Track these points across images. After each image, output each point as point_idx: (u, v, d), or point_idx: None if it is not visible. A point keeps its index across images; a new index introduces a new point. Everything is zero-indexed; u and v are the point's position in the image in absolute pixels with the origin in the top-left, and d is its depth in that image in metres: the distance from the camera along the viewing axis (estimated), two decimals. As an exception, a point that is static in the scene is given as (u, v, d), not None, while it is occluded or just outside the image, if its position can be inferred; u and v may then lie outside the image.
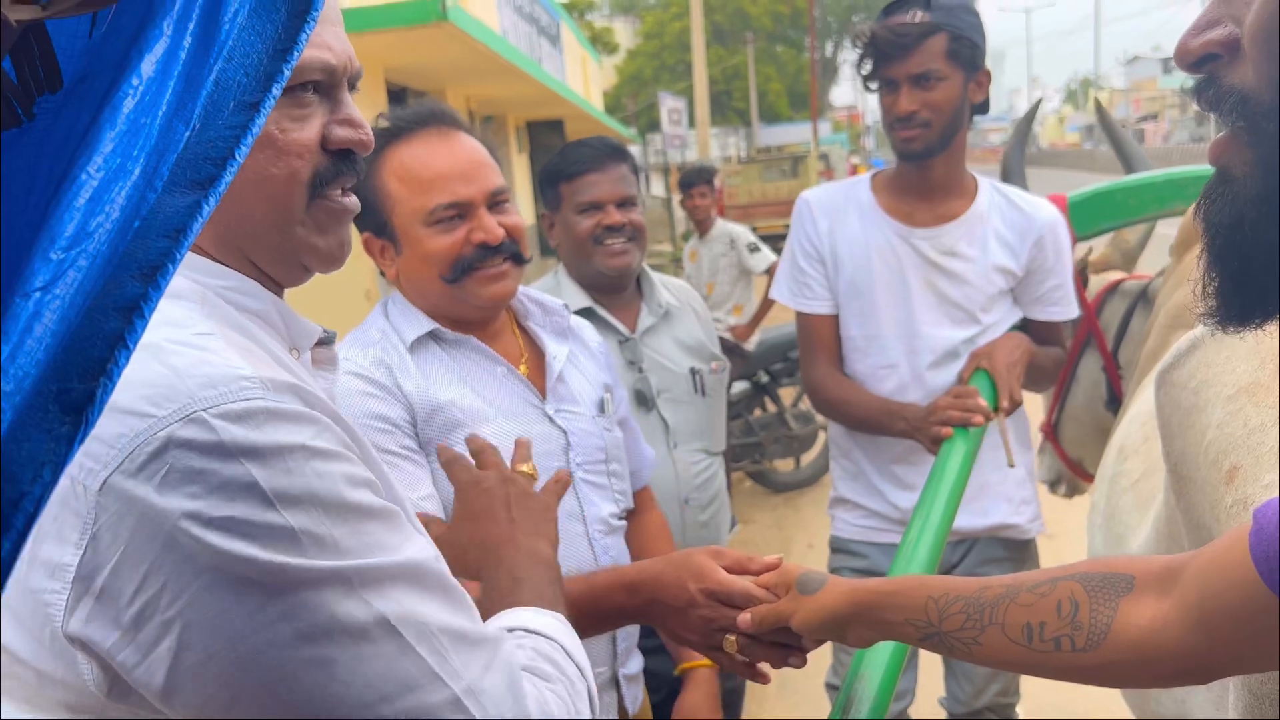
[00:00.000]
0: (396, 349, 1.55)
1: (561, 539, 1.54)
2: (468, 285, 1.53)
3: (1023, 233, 2.18)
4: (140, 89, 0.41)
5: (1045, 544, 4.76)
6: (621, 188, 2.06)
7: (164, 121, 0.41)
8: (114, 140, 0.41)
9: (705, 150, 22.80)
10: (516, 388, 1.58)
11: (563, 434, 1.58)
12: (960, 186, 2.20)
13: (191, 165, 0.41)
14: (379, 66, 8.19)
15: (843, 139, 45.84)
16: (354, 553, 0.75)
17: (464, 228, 1.51)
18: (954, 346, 2.16)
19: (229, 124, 0.43)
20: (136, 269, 0.40)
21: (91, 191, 0.40)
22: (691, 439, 2.14)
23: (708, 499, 2.14)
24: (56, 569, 0.69)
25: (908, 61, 2.04)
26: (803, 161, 21.13)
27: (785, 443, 6.17)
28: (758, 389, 6.14)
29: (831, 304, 2.25)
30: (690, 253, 6.34)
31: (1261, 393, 1.32)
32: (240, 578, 0.69)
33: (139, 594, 0.69)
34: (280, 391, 0.75)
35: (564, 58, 16.83)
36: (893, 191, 2.23)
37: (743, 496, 6.18)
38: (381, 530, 0.78)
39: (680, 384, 2.13)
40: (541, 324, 1.68)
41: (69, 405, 0.39)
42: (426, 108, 1.58)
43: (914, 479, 2.22)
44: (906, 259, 2.17)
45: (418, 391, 1.50)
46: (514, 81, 10.76)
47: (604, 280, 2.09)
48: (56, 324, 0.39)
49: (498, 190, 1.55)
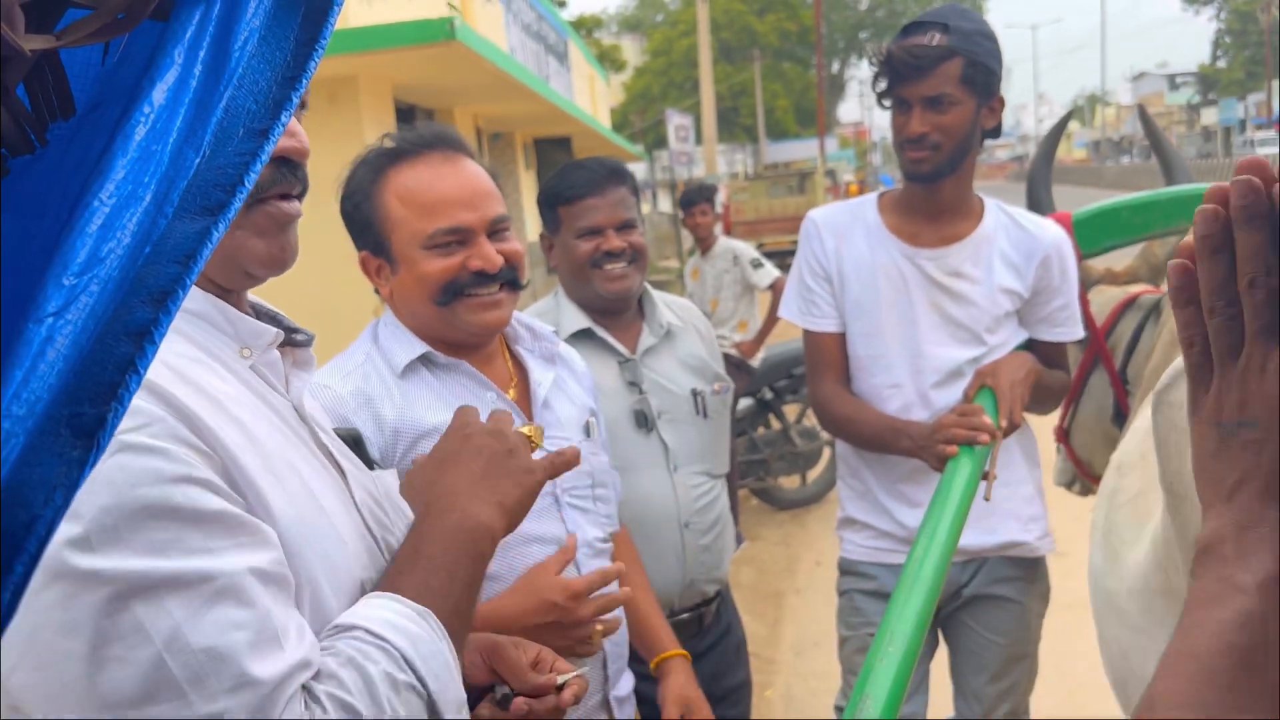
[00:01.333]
0: (381, 376, 1.56)
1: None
2: (459, 310, 1.54)
3: (1029, 254, 2.18)
4: (152, 116, 0.42)
5: (1056, 562, 4.73)
6: (620, 211, 2.03)
7: (175, 148, 0.42)
8: (126, 167, 0.41)
9: (712, 167, 22.86)
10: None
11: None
12: (967, 208, 2.21)
13: (201, 191, 0.42)
14: (387, 85, 8.23)
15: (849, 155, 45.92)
16: (139, 551, 0.75)
17: (462, 254, 1.53)
18: (958, 366, 2.16)
19: (238, 151, 0.43)
20: (147, 294, 0.41)
21: (104, 218, 0.41)
22: (692, 461, 2.10)
23: (709, 523, 2.10)
24: None
25: (922, 84, 2.04)
26: (809, 178, 21.18)
27: (790, 459, 6.16)
28: (762, 406, 6.14)
29: (838, 322, 2.25)
30: (693, 270, 6.35)
31: None
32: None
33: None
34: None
35: (571, 75, 16.91)
36: (899, 212, 2.24)
37: (748, 514, 6.16)
38: (184, 532, 0.78)
39: (681, 405, 2.10)
40: (530, 349, 1.71)
41: (80, 430, 0.39)
42: (433, 131, 1.60)
43: (922, 497, 2.21)
44: (912, 279, 2.17)
45: (400, 419, 1.51)
46: (522, 99, 10.81)
47: (604, 303, 2.08)
48: (69, 349, 0.39)
49: (499, 218, 1.57)
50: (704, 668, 2.10)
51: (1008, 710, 2.28)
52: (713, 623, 2.14)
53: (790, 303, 2.33)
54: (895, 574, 2.28)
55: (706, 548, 2.08)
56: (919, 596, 1.34)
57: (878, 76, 2.12)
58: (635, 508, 1.99)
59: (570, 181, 2.06)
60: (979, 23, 2.08)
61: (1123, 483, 1.91)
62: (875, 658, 1.23)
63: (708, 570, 2.08)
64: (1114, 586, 1.80)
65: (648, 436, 2.05)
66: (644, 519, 2.01)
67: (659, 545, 2.02)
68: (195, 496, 0.79)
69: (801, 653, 4.26)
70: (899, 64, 2.05)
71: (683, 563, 2.04)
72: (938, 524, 1.55)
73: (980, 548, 2.23)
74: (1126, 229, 2.66)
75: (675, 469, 2.06)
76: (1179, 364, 1.53)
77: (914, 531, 2.21)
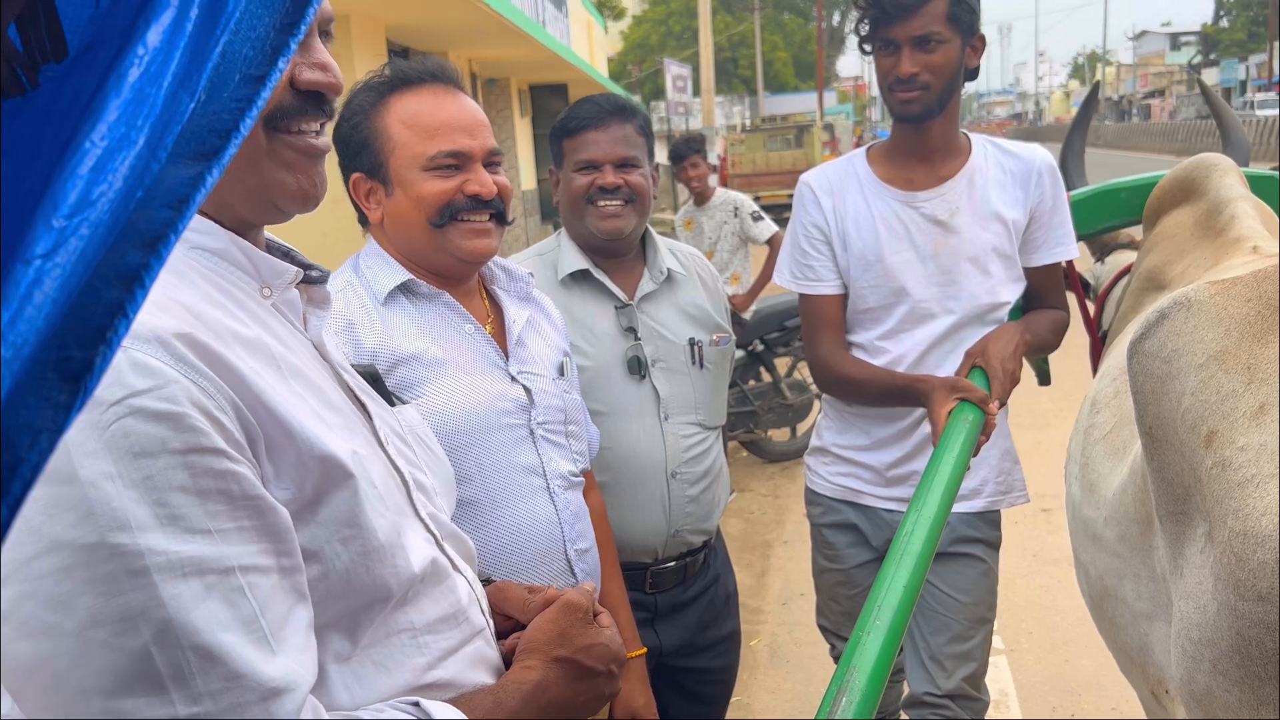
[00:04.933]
0: (362, 302, 1.60)
1: (524, 494, 1.60)
2: (451, 234, 1.60)
3: (1023, 177, 2.22)
4: (146, 59, 0.41)
5: (1043, 519, 4.82)
6: (621, 148, 2.00)
7: (169, 92, 0.41)
8: (119, 109, 0.41)
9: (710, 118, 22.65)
10: (482, 346, 1.64)
11: (525, 392, 1.64)
12: (956, 146, 2.24)
13: (196, 137, 0.42)
14: (380, 26, 8.12)
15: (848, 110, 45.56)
16: (142, 527, 0.72)
17: (459, 178, 1.59)
18: (967, 308, 2.19)
19: (234, 96, 0.43)
20: (138, 238, 0.40)
21: (95, 160, 0.40)
22: (685, 411, 2.08)
23: (699, 474, 2.09)
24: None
25: (909, 23, 2.05)
26: (807, 131, 21.04)
27: (780, 412, 6.19)
28: (753, 358, 6.15)
29: (836, 284, 2.26)
30: (685, 221, 6.29)
31: (1229, 360, 1.40)
32: (29, 509, 0.69)
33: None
34: (135, 340, 0.74)
35: (569, 22, 16.69)
36: (890, 160, 2.26)
37: (738, 466, 6.20)
38: (188, 509, 0.74)
39: (677, 354, 2.08)
40: (506, 288, 1.75)
41: (68, 374, 0.39)
42: (436, 63, 1.66)
43: (902, 449, 2.27)
44: (912, 225, 2.19)
45: (380, 345, 1.55)
46: (518, 44, 10.67)
47: (600, 242, 2.05)
48: (57, 292, 0.39)
49: (495, 150, 1.64)
50: (690, 616, 2.13)
51: (965, 676, 2.27)
52: (699, 572, 2.15)
53: (784, 269, 2.34)
54: (862, 514, 2.34)
55: (694, 499, 2.08)
56: (906, 570, 1.35)
57: (862, 19, 2.14)
58: (623, 454, 2.00)
59: (576, 113, 2.04)
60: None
61: (1096, 419, 1.98)
62: (862, 630, 1.24)
63: (695, 521, 2.09)
64: (1091, 515, 1.87)
65: (640, 384, 2.04)
66: (631, 465, 2.01)
67: (644, 493, 2.02)
68: (204, 469, 0.75)
69: (788, 603, 4.31)
70: (886, 4, 2.06)
71: (667, 512, 2.04)
72: (927, 497, 1.56)
73: (959, 511, 2.25)
74: (1124, 210, 2.68)
75: (666, 418, 2.05)
76: (1150, 314, 1.57)
77: (885, 473, 2.28)
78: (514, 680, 1.05)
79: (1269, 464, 1.28)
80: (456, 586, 1.04)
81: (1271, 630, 1.24)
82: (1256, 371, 1.36)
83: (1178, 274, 2.15)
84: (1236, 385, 1.37)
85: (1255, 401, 1.33)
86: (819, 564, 2.50)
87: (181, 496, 0.74)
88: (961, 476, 1.68)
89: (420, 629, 0.96)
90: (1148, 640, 1.66)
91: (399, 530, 0.95)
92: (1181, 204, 2.31)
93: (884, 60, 2.12)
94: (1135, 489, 1.65)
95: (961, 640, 2.26)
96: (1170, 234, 2.29)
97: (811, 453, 2.48)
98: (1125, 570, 1.72)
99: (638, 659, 1.85)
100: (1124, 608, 1.74)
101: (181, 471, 0.74)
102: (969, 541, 2.29)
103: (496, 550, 1.59)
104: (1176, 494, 1.45)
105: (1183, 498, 1.44)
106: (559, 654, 1.11)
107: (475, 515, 1.57)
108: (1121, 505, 1.71)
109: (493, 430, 1.59)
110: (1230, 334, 1.42)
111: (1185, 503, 1.43)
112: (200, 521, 0.75)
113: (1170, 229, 2.30)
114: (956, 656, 2.26)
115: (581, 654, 1.12)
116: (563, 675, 1.10)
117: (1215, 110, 3.08)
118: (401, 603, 0.94)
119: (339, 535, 0.88)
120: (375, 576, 0.90)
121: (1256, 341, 1.38)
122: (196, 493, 0.75)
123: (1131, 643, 1.74)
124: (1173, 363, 1.48)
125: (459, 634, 1.01)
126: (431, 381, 1.56)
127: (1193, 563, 1.41)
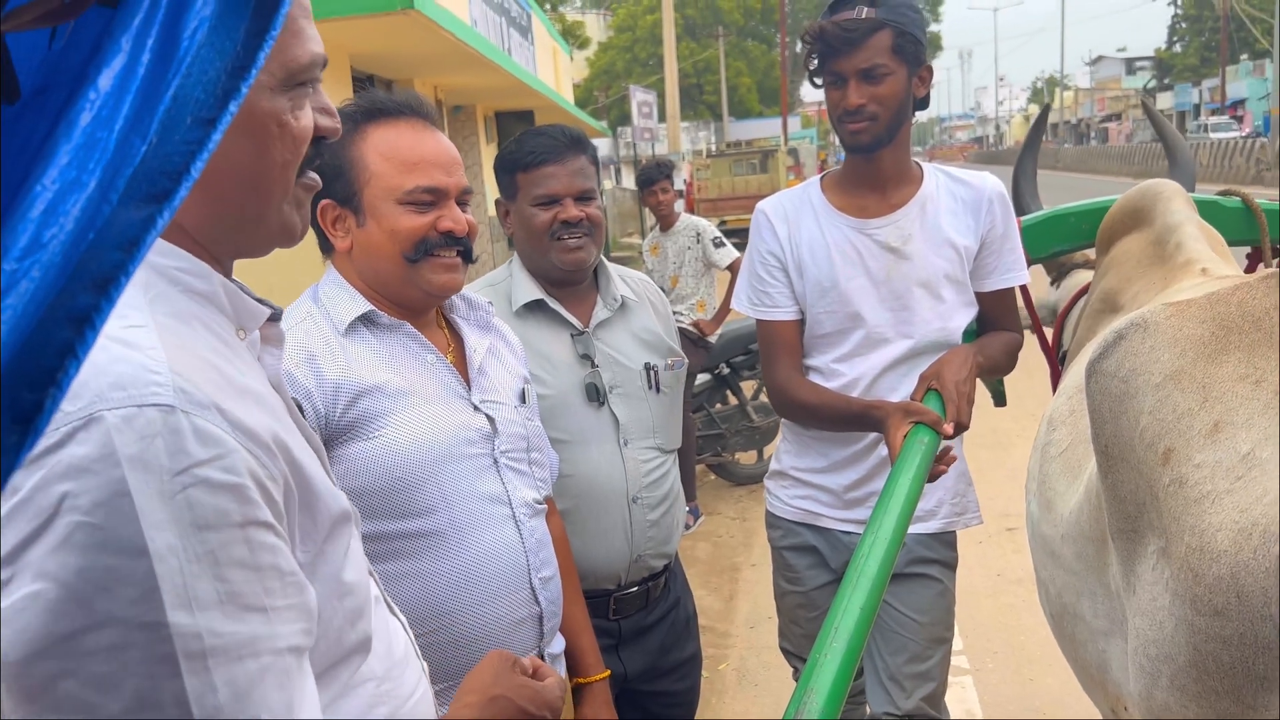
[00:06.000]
0: (323, 333, 1.59)
1: (489, 523, 1.60)
2: (423, 269, 1.60)
3: (974, 204, 2.26)
4: (97, 103, 0.42)
5: (1006, 538, 4.86)
6: (580, 181, 2.02)
7: (121, 135, 0.42)
8: (70, 153, 0.41)
9: (676, 144, 22.81)
10: (444, 376, 1.64)
11: (489, 421, 1.64)
12: (908, 175, 2.28)
13: (147, 179, 0.42)
14: (344, 54, 8.12)
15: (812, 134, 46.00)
16: (203, 605, 0.70)
17: (434, 214, 1.60)
18: (920, 333, 2.22)
19: (186, 139, 0.43)
20: (89, 280, 0.41)
21: (46, 203, 0.41)
22: (644, 436, 2.10)
23: (658, 498, 2.10)
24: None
25: (855, 56, 2.10)
26: (772, 156, 21.23)
27: (747, 435, 6.22)
28: (719, 381, 6.18)
29: (793, 310, 2.29)
30: (651, 246, 6.34)
31: (1185, 379, 1.44)
32: (81, 582, 0.67)
33: (11, 557, 0.67)
34: (195, 405, 0.72)
35: (535, 49, 16.76)
36: (843, 189, 2.30)
37: (706, 489, 6.22)
38: (246, 585, 0.73)
39: (633, 380, 2.10)
40: (466, 317, 1.76)
41: (18, 415, 0.39)
42: (413, 97, 1.67)
43: (859, 471, 2.29)
44: (866, 251, 2.23)
45: (343, 376, 1.54)
46: (483, 72, 10.70)
47: (559, 273, 2.06)
48: (8, 333, 0.39)
49: (467, 189, 1.66)
50: (652, 640, 2.14)
51: (924, 696, 2.28)
52: (660, 596, 2.16)
53: (742, 295, 2.37)
54: (821, 536, 2.35)
55: (655, 523, 2.09)
56: (863, 592, 1.35)
57: (810, 54, 2.18)
58: (584, 482, 2.00)
59: (530, 147, 2.04)
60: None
61: (1053, 436, 2.01)
62: (819, 653, 1.25)
63: (656, 545, 2.10)
64: (1049, 532, 1.90)
65: (599, 410, 2.05)
66: (592, 493, 2.01)
67: (607, 520, 2.03)
68: (259, 544, 0.74)
69: (756, 626, 4.31)
70: (832, 39, 2.11)
71: (630, 538, 2.04)
72: (883, 519, 1.57)
73: (914, 532, 2.27)
74: (1074, 234, 2.74)
75: (625, 443, 2.06)
76: (1108, 334, 1.61)
77: (843, 495, 2.31)
78: (454, 717, 1.09)
79: (1224, 480, 1.30)
80: (399, 630, 1.04)
81: (1228, 644, 1.26)
82: (1211, 390, 1.39)
83: (1131, 297, 2.20)
84: (1192, 404, 1.40)
85: (1210, 419, 1.37)
86: (780, 586, 2.52)
87: (241, 572, 0.72)
88: (917, 498, 1.69)
89: (381, 677, 0.95)
90: (1106, 657, 1.68)
91: (368, 579, 0.96)
92: (1133, 230, 2.36)
93: (833, 93, 2.18)
94: (1090, 507, 1.68)
95: (920, 660, 2.28)
96: (1123, 259, 2.34)
97: (771, 476, 2.50)
98: (1083, 587, 1.74)
99: (601, 683, 1.85)
100: (1083, 625, 1.77)
101: (242, 546, 0.72)
102: (925, 562, 2.31)
103: (460, 580, 1.58)
104: (1129, 511, 1.48)
105: (1135, 515, 1.46)
106: (495, 693, 1.19)
107: (440, 545, 1.56)
108: (1077, 523, 1.74)
109: (457, 460, 1.59)
110: (1185, 354, 1.45)
111: (1138, 520, 1.46)
112: (258, 599, 0.73)
113: (1123, 254, 2.35)
114: (915, 676, 2.28)
115: (515, 693, 1.21)
116: (499, 712, 1.18)
117: (1161, 133, 3.15)
118: (367, 652, 0.94)
119: (335, 592, 0.87)
120: (359, 631, 0.90)
121: (1210, 361, 1.42)
122: (254, 568, 0.73)
123: (1091, 660, 1.76)
124: (1130, 382, 1.51)
125: (411, 677, 1.01)
126: (394, 412, 1.55)
127: (1145, 579, 1.43)
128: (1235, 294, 1.48)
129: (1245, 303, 1.45)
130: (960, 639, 3.82)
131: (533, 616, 1.65)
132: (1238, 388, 1.37)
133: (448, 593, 1.56)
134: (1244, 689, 1.26)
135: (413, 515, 1.55)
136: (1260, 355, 1.39)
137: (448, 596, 1.57)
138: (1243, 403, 1.35)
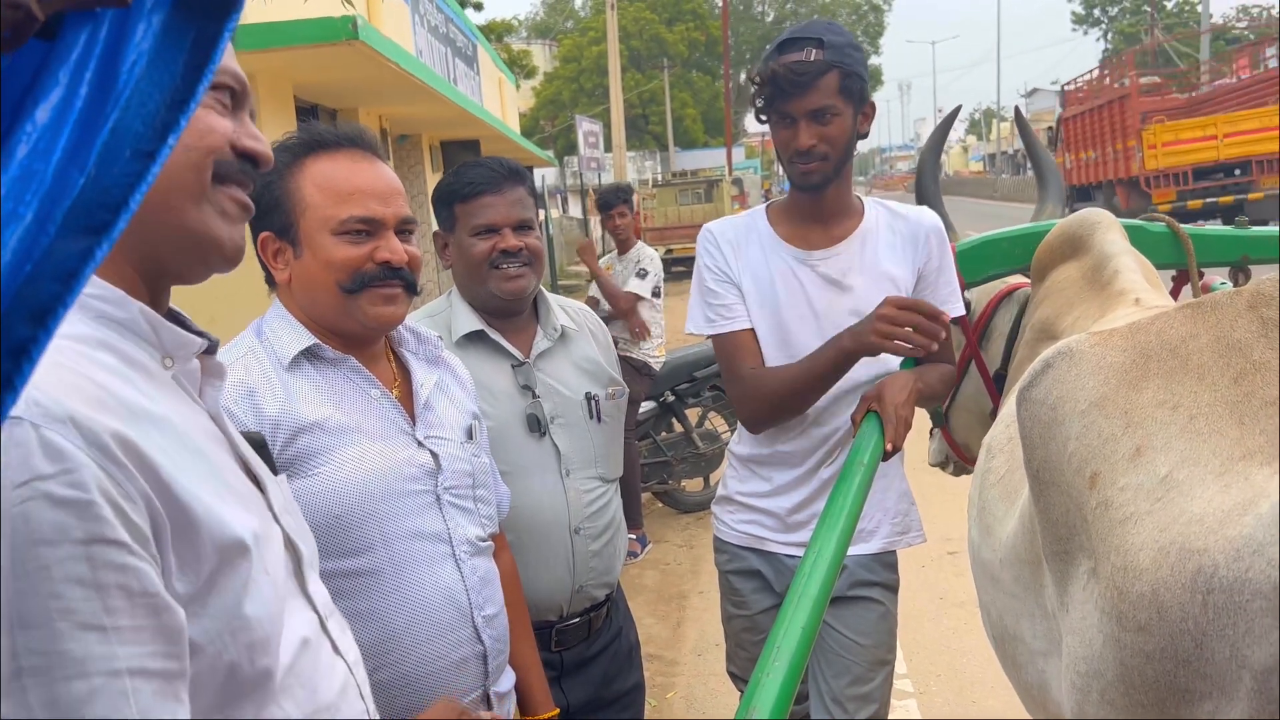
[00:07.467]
0: (264, 368, 1.57)
1: (428, 561, 1.58)
2: (361, 301, 1.58)
3: (911, 238, 2.31)
4: (34, 135, 0.42)
5: (949, 561, 4.91)
6: (518, 211, 2.03)
7: (58, 168, 0.42)
8: (6, 185, 0.42)
9: (622, 173, 22.93)
10: (388, 411, 1.62)
11: (432, 457, 1.62)
12: (850, 208, 2.32)
13: (85, 211, 0.43)
14: (288, 84, 8.06)
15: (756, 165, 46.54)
16: (13, 621, 0.67)
17: (370, 244, 1.57)
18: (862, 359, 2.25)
19: (124, 172, 0.44)
20: (26, 312, 0.41)
21: (-17, 235, 0.41)
22: (585, 466, 2.09)
23: (600, 528, 2.10)
24: None
25: (805, 99, 2.13)
26: (717, 186, 21.52)
27: (693, 462, 6.24)
28: (664, 409, 6.20)
29: (748, 319, 2.30)
30: (605, 267, 6.36)
31: (1108, 406, 1.49)
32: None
33: None
34: (47, 418, 0.71)
35: (480, 79, 16.79)
36: (788, 219, 2.34)
37: (653, 517, 6.21)
38: (82, 603, 0.70)
39: (574, 409, 2.10)
40: (414, 351, 1.74)
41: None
42: (355, 128, 1.65)
43: (801, 485, 2.32)
44: (807, 281, 2.26)
45: (282, 413, 1.52)
46: (428, 101, 10.69)
47: (498, 304, 2.06)
48: (-55, 364, 0.40)
49: (408, 219, 1.63)
50: (595, 671, 2.13)
51: (866, 718, 2.29)
52: (603, 627, 2.15)
53: (696, 316, 2.37)
54: (767, 561, 2.37)
55: (597, 553, 2.08)
56: (804, 612, 1.37)
57: (758, 95, 2.21)
58: (526, 513, 1.99)
59: (468, 178, 2.04)
60: (847, 35, 2.20)
61: (992, 464, 2.05)
62: (761, 673, 1.26)
63: (598, 575, 2.09)
64: (989, 557, 1.93)
65: (540, 441, 2.04)
66: (535, 524, 2.01)
67: (549, 551, 2.02)
68: (104, 562, 0.72)
69: (703, 654, 4.31)
70: (782, 81, 2.13)
71: (572, 569, 2.04)
72: (823, 539, 1.59)
73: (856, 554, 2.30)
74: (1007, 258, 2.80)
75: (567, 474, 2.06)
76: (1036, 364, 1.65)
77: (786, 519, 2.33)
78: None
79: (1145, 502, 1.35)
80: (335, 671, 1.01)
81: (1151, 659, 1.30)
82: (1132, 416, 1.44)
83: (1068, 325, 2.25)
84: (1115, 429, 1.45)
85: (1132, 444, 1.41)
86: (727, 611, 2.53)
87: (78, 589, 0.70)
88: (857, 518, 1.72)
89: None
90: (1045, 677, 1.71)
91: (283, 614, 0.93)
92: (1069, 259, 2.42)
93: (782, 133, 2.20)
94: (1025, 531, 1.72)
95: (862, 682, 2.30)
96: (1060, 288, 2.39)
97: (718, 501, 2.51)
98: (1022, 610, 1.78)
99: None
100: (1023, 647, 1.80)
101: (81, 563, 0.70)
102: (867, 585, 2.33)
103: (400, 620, 1.56)
104: (1061, 534, 1.52)
105: (1067, 537, 1.50)
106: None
107: (378, 585, 1.54)
108: (1014, 547, 1.78)
109: (397, 497, 1.57)
110: (1109, 381, 1.50)
111: (1069, 542, 1.50)
112: (95, 617, 0.71)
113: (1059, 283, 2.40)
114: (858, 698, 2.29)
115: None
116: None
117: (1030, 151, 3.24)
118: (276, 692, 0.90)
119: (229, 627, 0.84)
120: (258, 667, 0.87)
121: (1132, 388, 1.47)
122: (95, 586, 0.71)
123: (1032, 681, 1.79)
124: (1058, 409, 1.56)
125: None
126: (335, 449, 1.53)
127: (1076, 599, 1.47)
128: (1154, 324, 1.54)
129: (1163, 331, 1.51)
130: (904, 662, 3.85)
131: (476, 655, 1.63)
132: (1157, 413, 1.42)
133: (387, 632, 1.55)
134: (1168, 702, 1.30)
135: (351, 554, 1.53)
136: (1177, 381, 1.44)
137: (388, 636, 1.55)
138: (1161, 427, 1.40)
